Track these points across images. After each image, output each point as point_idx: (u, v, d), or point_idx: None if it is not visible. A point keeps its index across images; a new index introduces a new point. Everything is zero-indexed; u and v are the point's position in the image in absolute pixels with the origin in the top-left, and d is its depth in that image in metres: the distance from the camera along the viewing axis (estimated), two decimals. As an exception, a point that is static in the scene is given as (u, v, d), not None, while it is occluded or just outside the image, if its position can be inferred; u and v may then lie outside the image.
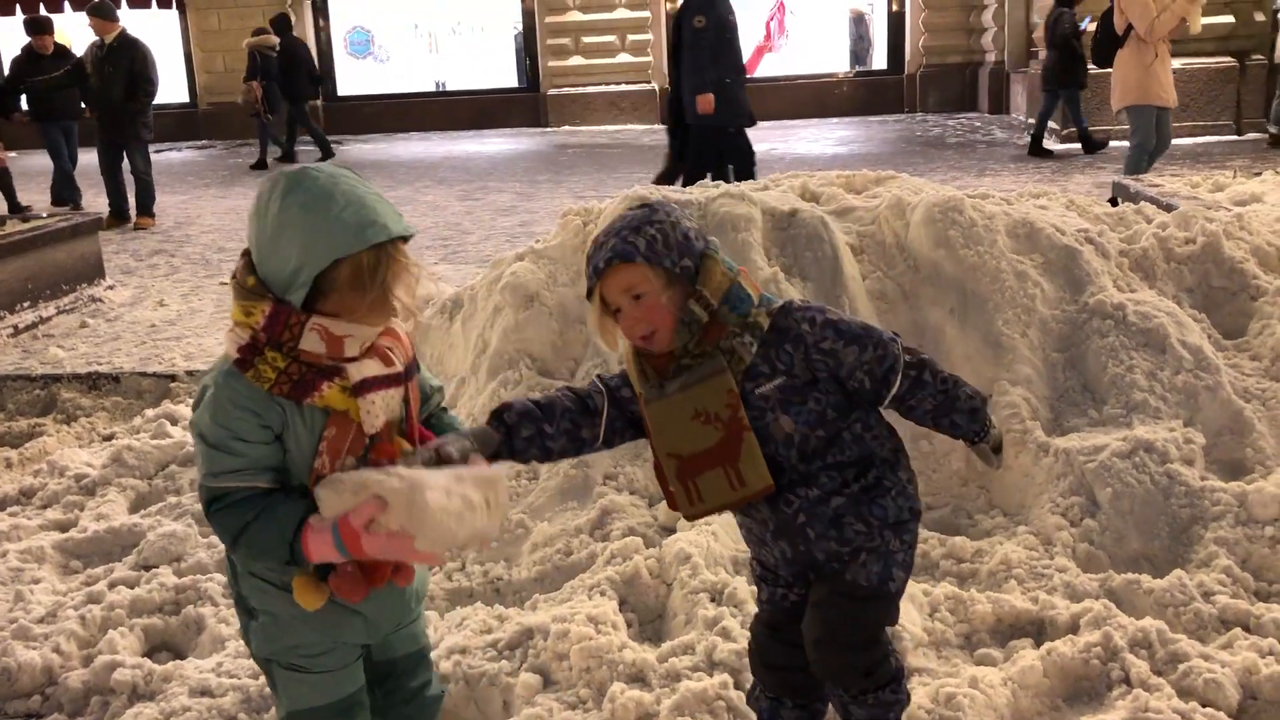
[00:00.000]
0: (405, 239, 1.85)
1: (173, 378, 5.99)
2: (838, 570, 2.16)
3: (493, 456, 2.03)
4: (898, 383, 2.10)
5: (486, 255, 9.15)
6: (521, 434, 2.09)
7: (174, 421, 5.17)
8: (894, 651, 2.26)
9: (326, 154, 16.20)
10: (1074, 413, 3.70)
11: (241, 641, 3.17)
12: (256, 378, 1.80)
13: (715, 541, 3.29)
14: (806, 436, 2.09)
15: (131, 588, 3.52)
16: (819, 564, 2.18)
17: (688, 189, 4.59)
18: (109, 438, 5.28)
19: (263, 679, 2.99)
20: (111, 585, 3.56)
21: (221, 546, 3.72)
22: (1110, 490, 3.34)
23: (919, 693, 2.67)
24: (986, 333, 3.85)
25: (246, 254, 1.88)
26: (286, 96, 15.58)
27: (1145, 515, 3.30)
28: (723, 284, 2.05)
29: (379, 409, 1.87)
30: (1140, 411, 3.58)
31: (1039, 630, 2.99)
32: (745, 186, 4.45)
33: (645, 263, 2.00)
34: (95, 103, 11.11)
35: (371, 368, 1.86)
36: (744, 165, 8.69)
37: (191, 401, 2.11)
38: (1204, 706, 2.60)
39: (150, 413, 5.33)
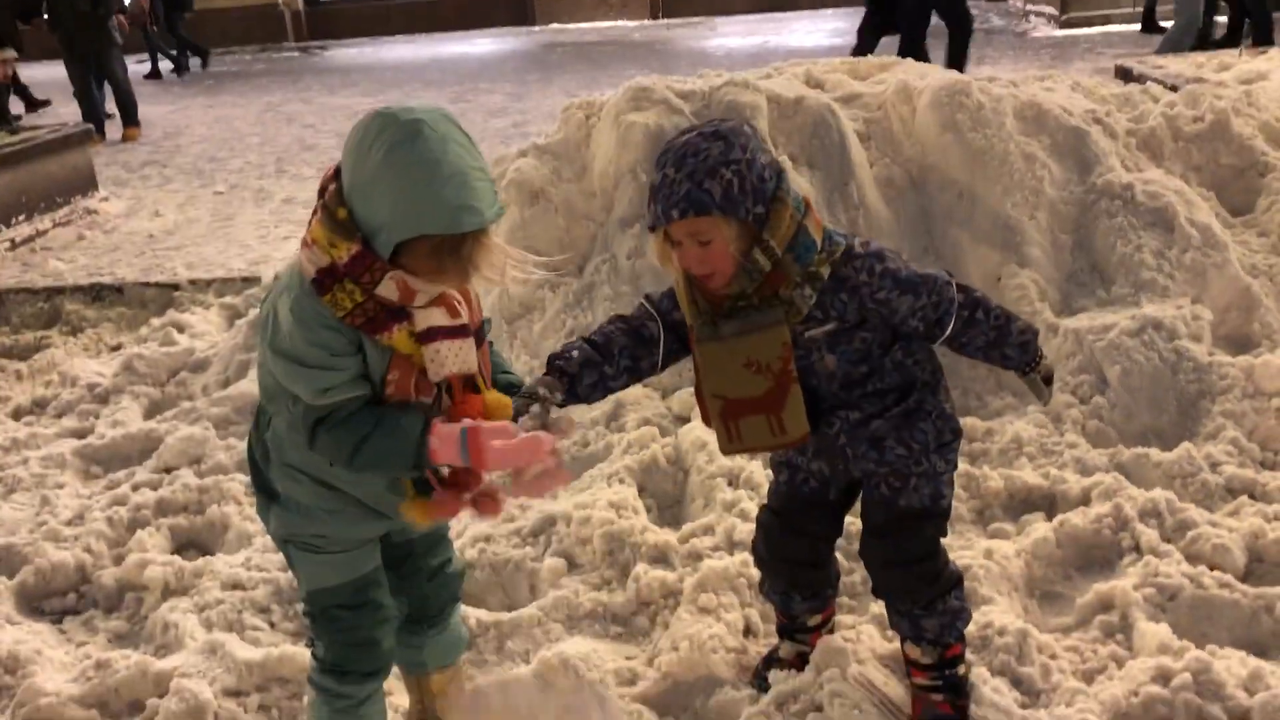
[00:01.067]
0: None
1: (175, 287, 5.99)
2: (890, 497, 2.20)
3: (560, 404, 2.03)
4: (951, 324, 2.10)
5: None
6: (584, 382, 2.07)
7: (180, 330, 5.19)
8: (951, 561, 2.31)
9: (204, 61, 17.33)
10: (1082, 293, 3.72)
11: (269, 537, 3.25)
12: (333, 303, 1.79)
13: (730, 428, 3.34)
14: (849, 371, 2.11)
15: (155, 490, 3.58)
16: (860, 481, 2.24)
17: (693, 80, 4.53)
18: (116, 348, 5.30)
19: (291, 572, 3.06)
20: (135, 488, 3.63)
21: (241, 447, 3.78)
22: (1119, 368, 3.38)
23: (935, 565, 2.74)
24: (995, 216, 3.85)
25: (338, 174, 1.81)
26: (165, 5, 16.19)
27: (1153, 391, 3.35)
28: (789, 231, 1.97)
29: (445, 358, 1.87)
30: (1148, 290, 3.61)
31: (1050, 504, 3.06)
32: (751, 74, 4.39)
33: (719, 214, 1.92)
34: (59, 18, 10.70)
35: (437, 316, 1.85)
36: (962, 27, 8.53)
37: (257, 320, 2.09)
38: (1212, 570, 2.68)
39: (156, 322, 5.34)
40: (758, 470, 3.15)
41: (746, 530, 2.89)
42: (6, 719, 2.61)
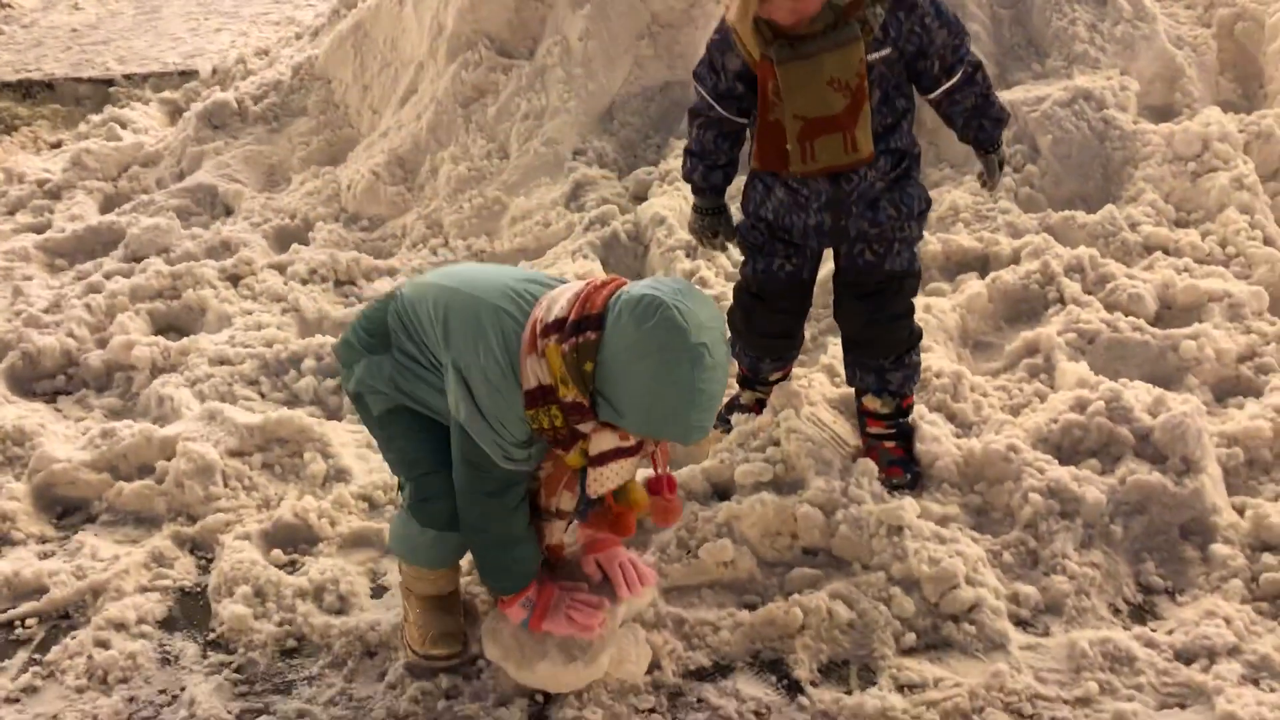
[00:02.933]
0: None
1: (110, 83, 5.87)
2: (875, 262, 2.42)
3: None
4: (959, 74, 2.28)
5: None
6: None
7: (123, 125, 5.14)
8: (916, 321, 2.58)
9: None
10: (1019, 67, 3.87)
11: (251, 318, 3.40)
12: (533, 418, 1.89)
13: (687, 204, 3.49)
14: (878, 123, 2.26)
15: (127, 278, 3.67)
16: (846, 242, 2.43)
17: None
18: (57, 145, 5.24)
19: (276, 346, 3.23)
20: (107, 276, 3.71)
21: (208, 234, 3.88)
22: (1050, 137, 3.57)
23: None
24: (937, -8, 3.93)
25: (601, 322, 1.81)
26: None
27: (1082, 159, 3.56)
28: None
29: (608, 477, 1.99)
30: (1080, 62, 3.77)
31: (984, 264, 3.30)
32: None
33: None
34: None
35: (609, 440, 1.94)
36: None
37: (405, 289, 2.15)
38: (1126, 315, 2.97)
39: (95, 118, 5.27)
40: (714, 240, 3.33)
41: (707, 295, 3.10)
42: (23, 485, 2.78)
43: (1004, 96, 3.70)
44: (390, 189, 3.98)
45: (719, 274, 3.26)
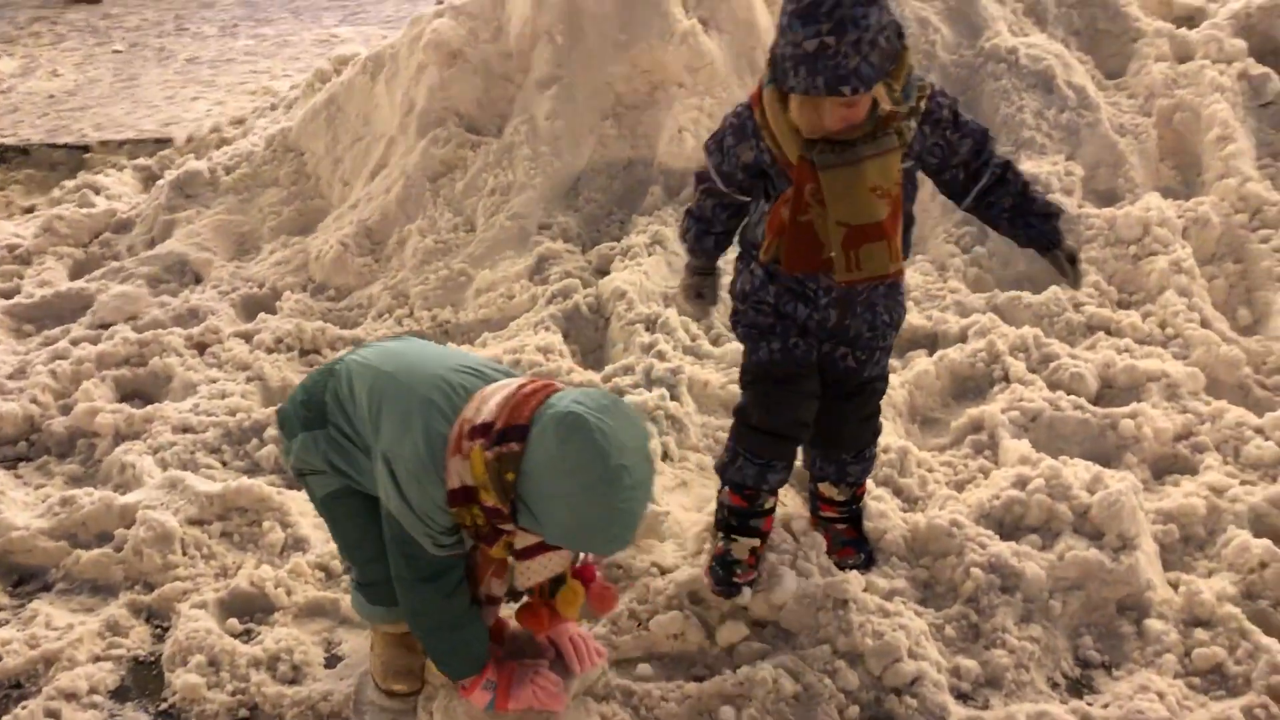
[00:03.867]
0: None
1: (86, 149, 5.94)
2: (856, 369, 2.43)
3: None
4: (986, 177, 2.24)
5: (387, 15, 8.93)
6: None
7: (96, 191, 5.20)
8: None
9: None
10: (969, 152, 4.01)
11: (216, 386, 3.44)
12: (456, 515, 1.97)
13: (647, 279, 3.60)
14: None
15: (94, 344, 3.70)
16: (844, 342, 2.40)
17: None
18: (29, 210, 5.29)
19: (240, 415, 3.28)
20: (74, 343, 3.75)
21: (177, 302, 3.93)
22: (998, 220, 3.70)
23: (830, 396, 3.07)
24: (891, 78, 4.09)
25: (525, 434, 1.85)
26: None
27: (1028, 241, 3.69)
28: (906, 73, 2.09)
29: (535, 570, 2.06)
30: (1028, 148, 3.92)
31: (933, 342, 3.41)
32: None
33: (878, 81, 2.01)
34: None
35: (534, 537, 2.00)
36: None
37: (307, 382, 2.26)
38: (1068, 394, 3.07)
39: (69, 184, 5.33)
40: (672, 316, 3.43)
41: (663, 368, 3.18)
42: (-20, 552, 2.80)
43: (954, 180, 3.85)
44: (358, 260, 4.06)
45: (676, 347, 3.34)
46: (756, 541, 2.50)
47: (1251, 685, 2.31)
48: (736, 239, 2.48)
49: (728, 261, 2.51)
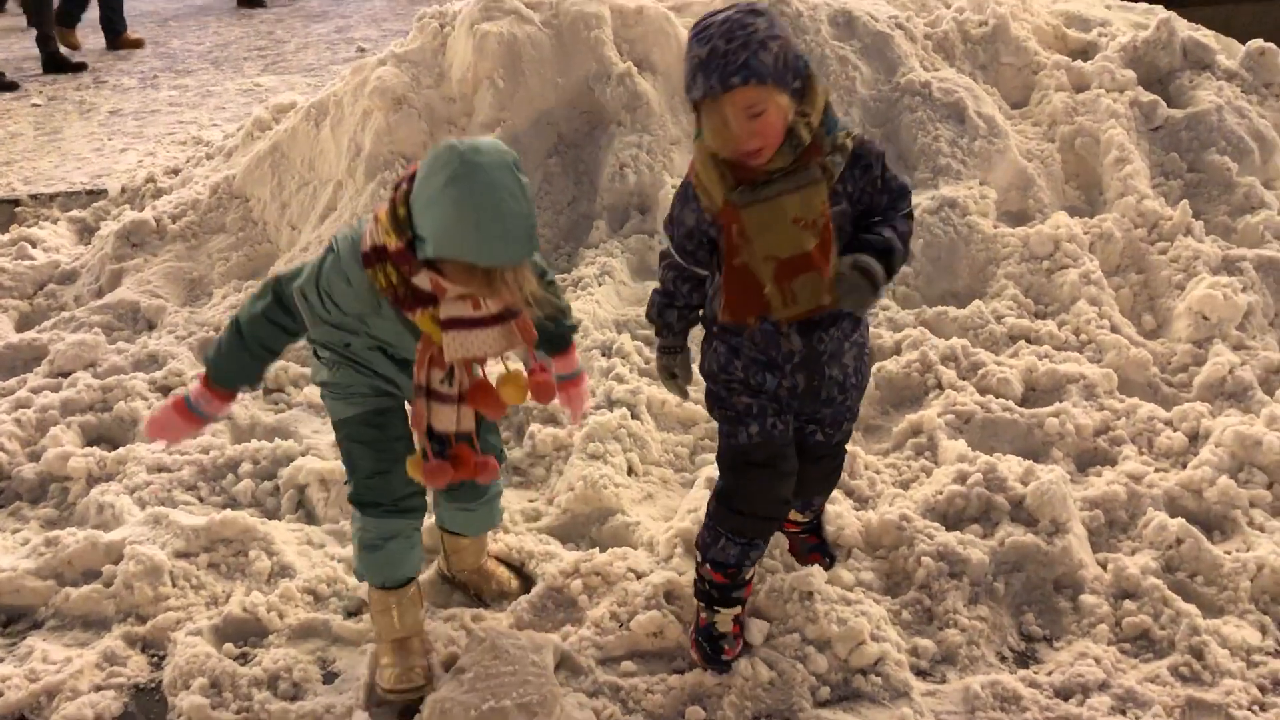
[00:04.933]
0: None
1: (16, 202, 5.94)
2: (825, 441, 2.49)
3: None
4: (875, 230, 2.22)
5: (309, 64, 9.04)
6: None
7: (33, 244, 5.21)
8: None
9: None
10: (890, 179, 4.30)
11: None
12: (374, 276, 2.13)
13: (599, 308, 3.79)
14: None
15: (56, 392, 3.75)
16: (815, 404, 2.41)
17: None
18: (-37, 266, 5.28)
19: (213, 453, 3.37)
20: (35, 391, 3.79)
21: (134, 348, 4.00)
22: (922, 241, 3.98)
23: (780, 409, 3.29)
24: (815, 113, 4.37)
25: (413, 178, 2.07)
26: None
27: (950, 260, 3.98)
28: (821, 105, 2.13)
29: (465, 344, 2.15)
30: (945, 174, 4.22)
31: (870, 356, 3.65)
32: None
33: (774, 84, 2.02)
34: None
35: (460, 308, 2.13)
36: None
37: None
38: (997, 398, 3.34)
39: (4, 238, 5.33)
40: (627, 341, 3.62)
41: (622, 390, 3.37)
42: (-33, 595, 2.85)
43: (879, 205, 4.13)
44: (314, 300, 4.17)
45: (633, 370, 3.53)
46: (739, 609, 2.53)
47: (1175, 647, 2.57)
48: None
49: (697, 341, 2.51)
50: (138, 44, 10.03)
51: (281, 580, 2.87)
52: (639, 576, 2.74)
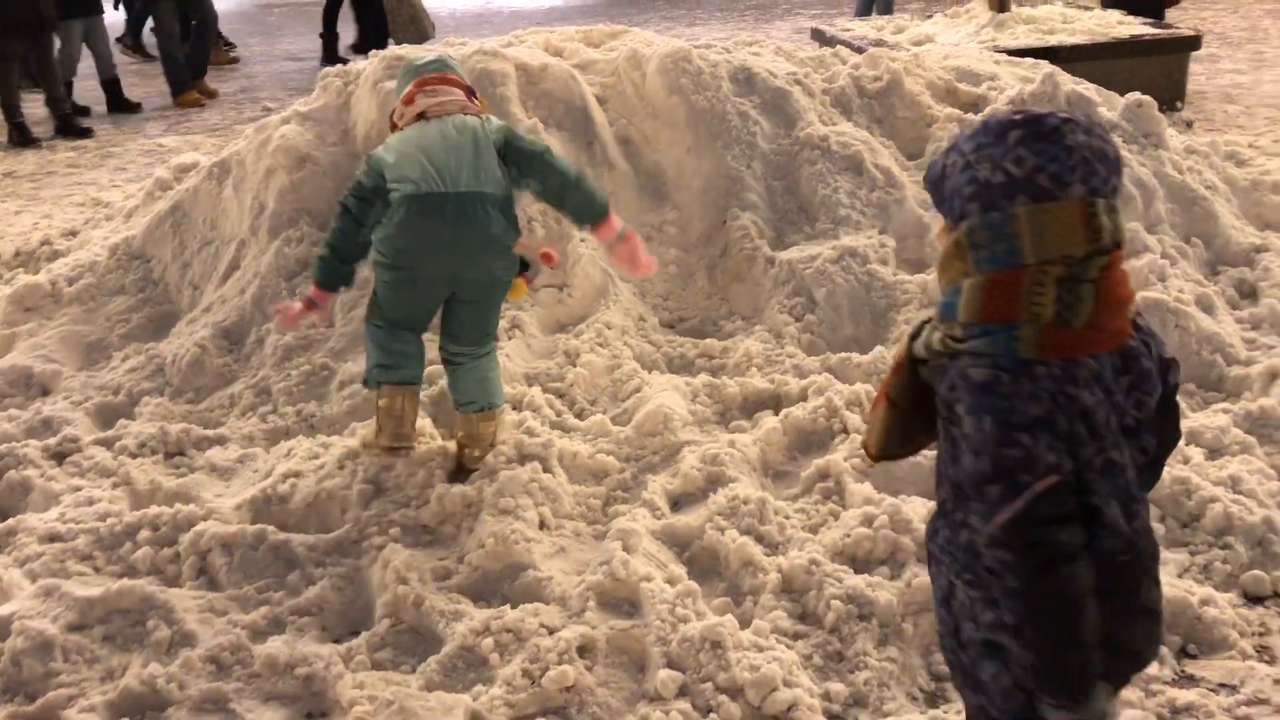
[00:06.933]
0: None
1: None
2: None
3: None
4: None
5: (214, 124, 8.95)
6: None
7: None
8: None
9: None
10: (792, 230, 4.41)
11: (81, 493, 3.42)
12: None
13: (509, 362, 3.78)
14: None
15: (-60, 465, 3.61)
16: None
17: (439, 47, 4.88)
18: None
19: (111, 519, 3.27)
20: (-81, 465, 3.64)
21: (27, 415, 3.88)
22: (824, 290, 4.08)
23: (690, 458, 3.32)
24: (718, 166, 4.47)
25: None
26: None
27: (852, 307, 4.07)
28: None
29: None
30: (845, 225, 4.33)
31: (777, 403, 3.71)
32: (495, 43, 4.79)
33: None
34: None
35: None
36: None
37: None
38: (901, 441, 3.39)
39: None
40: (537, 394, 3.63)
41: (533, 444, 3.36)
42: None
43: (782, 256, 4.27)
44: (217, 360, 4.10)
45: (544, 423, 3.51)
46: None
47: (1079, 680, 2.62)
48: None
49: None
50: (208, 94, 9.91)
51: (182, 650, 2.78)
52: (551, 632, 2.72)
